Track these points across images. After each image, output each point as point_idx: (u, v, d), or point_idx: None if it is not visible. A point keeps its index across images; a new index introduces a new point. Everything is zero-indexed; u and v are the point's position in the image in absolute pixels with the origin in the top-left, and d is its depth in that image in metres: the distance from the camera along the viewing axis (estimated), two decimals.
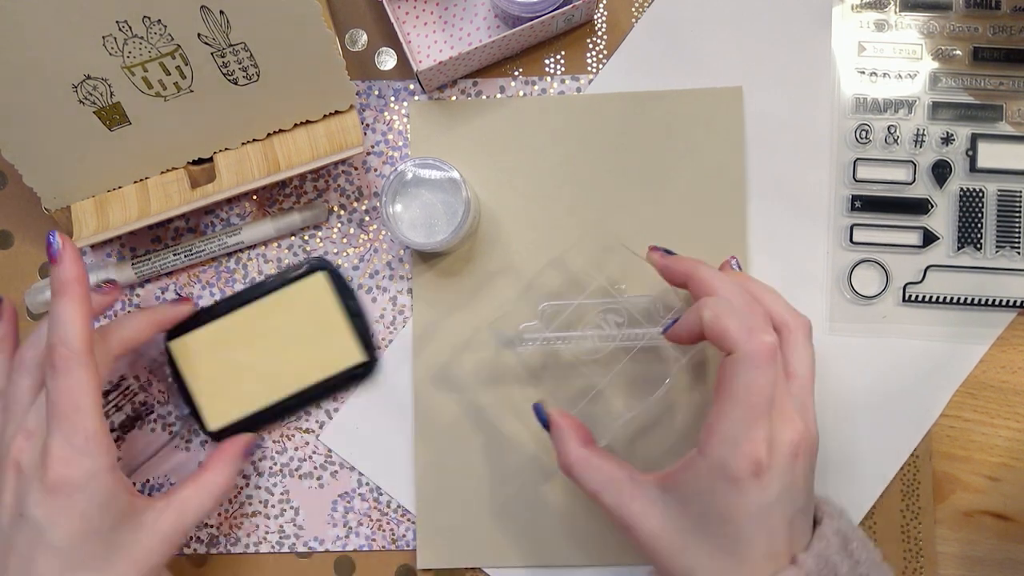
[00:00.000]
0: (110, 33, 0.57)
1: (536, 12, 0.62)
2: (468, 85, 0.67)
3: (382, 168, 0.67)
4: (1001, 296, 0.64)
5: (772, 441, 0.48)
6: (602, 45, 0.67)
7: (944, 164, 0.64)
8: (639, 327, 0.60)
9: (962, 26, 0.65)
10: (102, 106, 0.60)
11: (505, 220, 0.66)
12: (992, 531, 0.64)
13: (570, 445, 0.56)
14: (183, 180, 0.63)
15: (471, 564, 0.65)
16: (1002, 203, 0.64)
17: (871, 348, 0.65)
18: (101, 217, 0.63)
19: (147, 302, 0.67)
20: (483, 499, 0.65)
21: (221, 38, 0.58)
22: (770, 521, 0.48)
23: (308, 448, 0.67)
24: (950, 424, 0.64)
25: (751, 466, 0.47)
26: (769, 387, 0.48)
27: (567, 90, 0.67)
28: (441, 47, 0.67)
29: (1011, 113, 0.64)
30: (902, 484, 0.64)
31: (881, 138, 0.65)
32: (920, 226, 0.65)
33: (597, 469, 0.54)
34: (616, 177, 0.65)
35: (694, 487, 0.50)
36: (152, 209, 0.62)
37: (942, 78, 0.65)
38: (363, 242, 0.67)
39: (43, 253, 0.68)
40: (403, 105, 0.67)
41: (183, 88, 0.60)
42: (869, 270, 0.65)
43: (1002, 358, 0.65)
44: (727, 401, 0.49)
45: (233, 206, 0.67)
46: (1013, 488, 0.64)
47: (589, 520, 0.64)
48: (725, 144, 0.65)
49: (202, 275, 0.67)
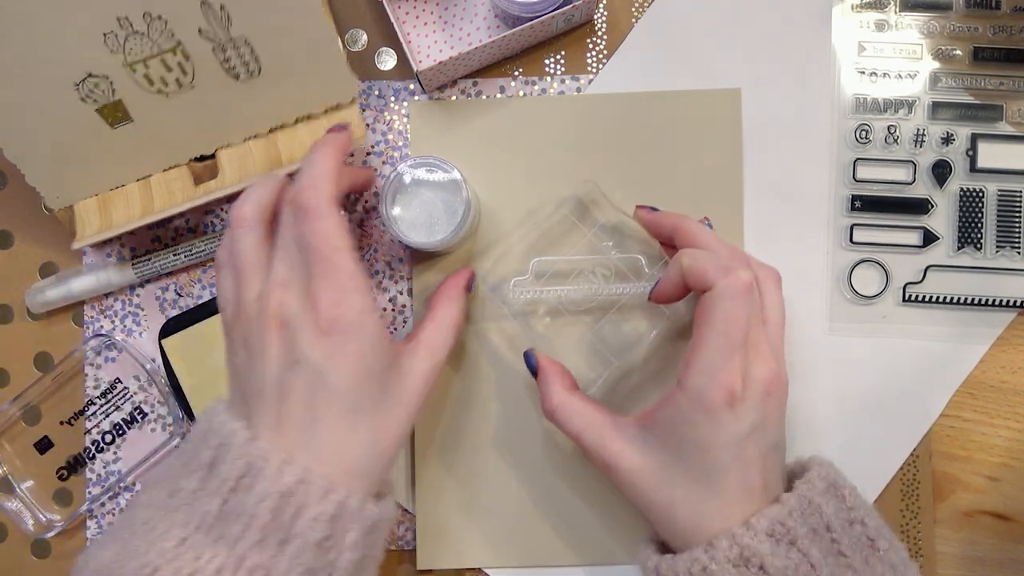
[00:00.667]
0: (111, 30, 0.57)
1: (536, 12, 0.62)
2: (468, 85, 0.67)
3: (382, 168, 0.67)
4: (1001, 296, 0.64)
5: (746, 376, 0.51)
6: (602, 45, 0.67)
7: (944, 164, 0.64)
8: (626, 281, 0.62)
9: (962, 26, 0.65)
10: (104, 104, 0.60)
11: (505, 220, 0.66)
12: (992, 531, 0.64)
13: (554, 388, 0.58)
14: (186, 177, 0.63)
15: (471, 564, 0.65)
16: (1002, 203, 0.64)
17: (871, 348, 0.65)
18: (104, 216, 0.63)
19: (147, 302, 0.67)
20: (483, 499, 0.65)
21: (222, 33, 0.58)
22: (744, 453, 0.50)
23: None
24: (950, 424, 0.64)
25: (726, 396, 0.49)
26: (744, 320, 0.50)
27: (567, 90, 0.67)
28: (441, 47, 0.67)
29: (1011, 113, 0.64)
30: (902, 484, 0.64)
31: (881, 138, 0.65)
32: (920, 226, 0.65)
33: (579, 412, 0.56)
34: (615, 177, 0.65)
35: (672, 420, 0.52)
36: (155, 207, 0.62)
37: (942, 78, 0.65)
38: (363, 242, 0.67)
39: (43, 253, 0.68)
40: (403, 105, 0.67)
41: (184, 84, 0.60)
42: (869, 270, 0.65)
43: (1002, 358, 0.65)
44: (705, 333, 0.51)
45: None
46: (1013, 488, 0.64)
47: (589, 520, 0.64)
48: (723, 145, 0.65)
49: (202, 275, 0.67)
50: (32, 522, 0.66)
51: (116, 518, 0.64)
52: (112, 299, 0.68)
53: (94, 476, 0.67)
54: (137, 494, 0.54)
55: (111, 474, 0.67)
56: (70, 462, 0.67)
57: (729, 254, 0.55)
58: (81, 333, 0.68)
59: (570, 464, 0.64)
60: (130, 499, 0.67)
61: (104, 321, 0.67)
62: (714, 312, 0.50)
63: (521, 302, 0.64)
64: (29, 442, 0.67)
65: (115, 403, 0.67)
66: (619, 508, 0.64)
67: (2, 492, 0.67)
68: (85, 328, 0.68)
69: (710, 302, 0.51)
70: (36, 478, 0.67)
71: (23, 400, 0.66)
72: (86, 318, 0.68)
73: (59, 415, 0.67)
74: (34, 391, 0.67)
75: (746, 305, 0.50)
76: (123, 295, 0.68)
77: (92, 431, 0.67)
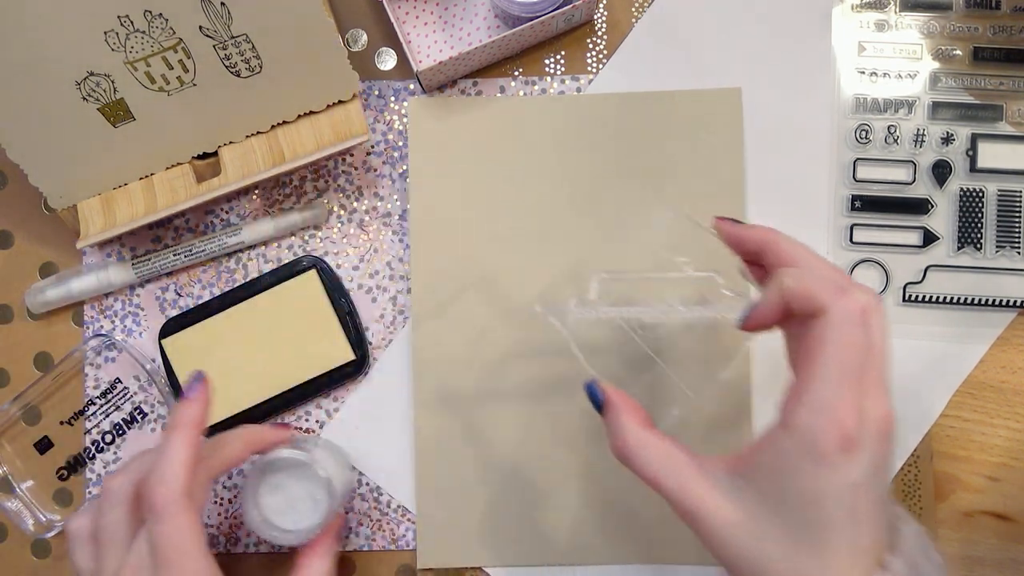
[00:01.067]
0: (112, 28, 0.57)
1: (536, 12, 0.62)
2: (468, 85, 0.67)
3: (382, 168, 0.67)
4: (1001, 296, 0.64)
5: (862, 414, 0.43)
6: (602, 45, 0.67)
7: (944, 164, 0.65)
8: (704, 304, 0.54)
9: (962, 26, 0.65)
10: (105, 103, 0.60)
11: (504, 219, 0.66)
12: (992, 531, 0.64)
13: (628, 426, 0.49)
14: (188, 175, 0.63)
15: (471, 564, 0.65)
16: (1002, 203, 0.64)
17: None
18: (108, 215, 0.63)
19: (147, 302, 0.67)
20: (483, 499, 0.65)
21: (223, 30, 0.58)
22: (857, 506, 0.43)
23: None
24: (950, 424, 0.64)
25: (841, 438, 0.42)
26: (862, 349, 0.44)
27: (567, 90, 0.67)
28: (441, 47, 0.67)
29: (1011, 113, 0.65)
30: (902, 484, 0.64)
31: (881, 138, 0.65)
32: (920, 226, 0.65)
33: (657, 452, 0.48)
34: (615, 177, 0.65)
35: (772, 467, 0.45)
36: (158, 205, 0.62)
37: (942, 78, 0.65)
38: (363, 242, 0.67)
39: (43, 253, 0.68)
40: (403, 105, 0.67)
41: (186, 82, 0.60)
42: (869, 270, 0.65)
43: (1002, 358, 0.65)
44: (816, 365, 0.44)
45: (233, 205, 0.67)
46: (1013, 488, 0.64)
47: (589, 520, 0.64)
48: (724, 145, 0.65)
49: (202, 275, 0.67)
50: (32, 522, 0.66)
51: None
52: (112, 299, 0.68)
53: (94, 476, 0.67)
54: None
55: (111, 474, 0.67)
56: (70, 462, 0.67)
57: (836, 273, 0.47)
58: (81, 333, 0.68)
59: (571, 464, 0.64)
60: None
61: (104, 321, 0.67)
62: (827, 342, 0.44)
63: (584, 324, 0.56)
64: (29, 442, 0.67)
65: (115, 403, 0.67)
66: (619, 508, 0.64)
67: (2, 492, 0.67)
68: (85, 328, 0.68)
69: (822, 331, 0.44)
70: (36, 478, 0.67)
71: (23, 400, 0.66)
72: (86, 318, 0.68)
73: (59, 415, 0.67)
74: (34, 391, 0.67)
75: (863, 333, 0.44)
76: (123, 295, 0.68)
77: (92, 431, 0.67)
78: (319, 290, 0.65)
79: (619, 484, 0.64)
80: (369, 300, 0.67)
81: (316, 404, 0.66)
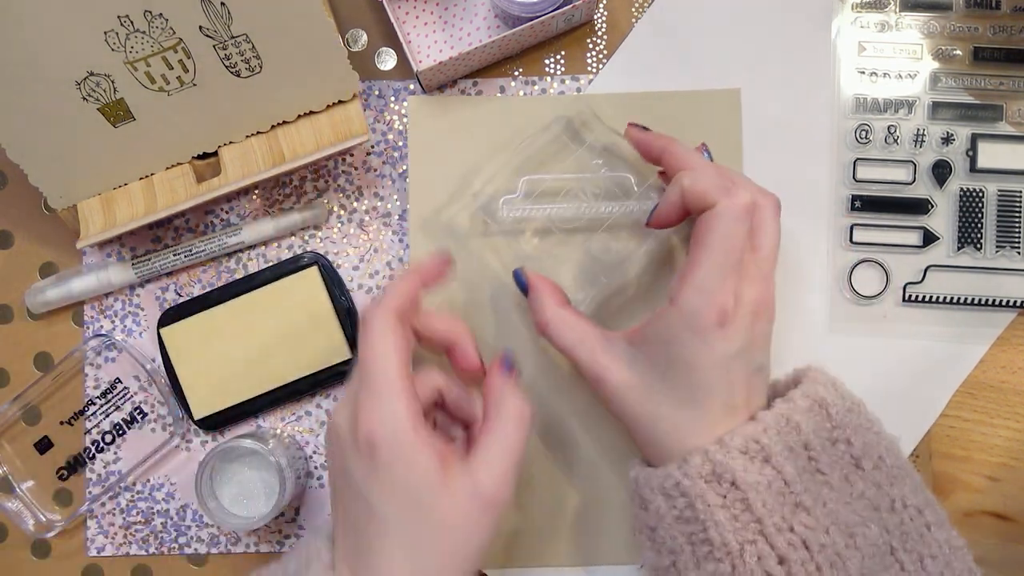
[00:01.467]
0: (112, 28, 0.57)
1: (536, 12, 0.62)
2: (468, 85, 0.67)
3: (382, 168, 0.67)
4: (1001, 296, 0.64)
5: (737, 296, 0.51)
6: (602, 45, 0.67)
7: (944, 164, 0.65)
8: (615, 200, 0.62)
9: (962, 26, 0.65)
10: (106, 103, 0.60)
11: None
12: (992, 531, 0.64)
13: (547, 304, 0.58)
14: (188, 175, 0.63)
15: None
16: (1002, 203, 0.64)
17: (871, 348, 0.65)
18: (108, 215, 0.63)
19: (147, 302, 0.67)
20: None
21: (223, 30, 0.58)
22: (730, 374, 0.51)
23: (308, 448, 0.67)
24: (950, 424, 0.64)
25: (718, 315, 0.50)
26: (742, 241, 0.51)
27: (567, 90, 0.67)
28: (441, 47, 0.67)
29: (1011, 113, 0.65)
30: None
31: (881, 138, 0.65)
32: (920, 226, 0.65)
33: (571, 327, 0.57)
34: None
35: (662, 337, 0.52)
36: (158, 205, 0.62)
37: (942, 78, 0.65)
38: (363, 242, 0.67)
39: (43, 253, 0.68)
40: (403, 105, 0.67)
41: (186, 82, 0.60)
42: (869, 270, 0.65)
43: (1002, 358, 0.65)
44: (702, 252, 0.51)
45: (233, 205, 0.67)
46: (1013, 488, 0.64)
47: (589, 520, 0.64)
48: (723, 145, 0.65)
49: (202, 275, 0.67)
50: (32, 522, 0.66)
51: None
52: (112, 299, 0.68)
53: (94, 476, 0.67)
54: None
55: (111, 474, 0.67)
56: (70, 462, 0.67)
57: (726, 176, 0.54)
58: (81, 333, 0.68)
59: (571, 464, 0.64)
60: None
61: (104, 321, 0.67)
62: (713, 231, 0.51)
63: (510, 220, 0.64)
64: (29, 442, 0.67)
65: (115, 403, 0.67)
66: (619, 508, 0.64)
67: (2, 492, 0.67)
68: (85, 328, 0.68)
69: (709, 222, 0.51)
70: (36, 478, 0.67)
71: (23, 400, 0.66)
72: (86, 318, 0.68)
73: (59, 415, 0.67)
74: (34, 391, 0.67)
75: (744, 227, 0.51)
76: (123, 295, 0.68)
77: (92, 431, 0.67)
78: (320, 287, 0.65)
79: (619, 484, 0.64)
80: (369, 300, 0.67)
81: (316, 404, 0.66)
